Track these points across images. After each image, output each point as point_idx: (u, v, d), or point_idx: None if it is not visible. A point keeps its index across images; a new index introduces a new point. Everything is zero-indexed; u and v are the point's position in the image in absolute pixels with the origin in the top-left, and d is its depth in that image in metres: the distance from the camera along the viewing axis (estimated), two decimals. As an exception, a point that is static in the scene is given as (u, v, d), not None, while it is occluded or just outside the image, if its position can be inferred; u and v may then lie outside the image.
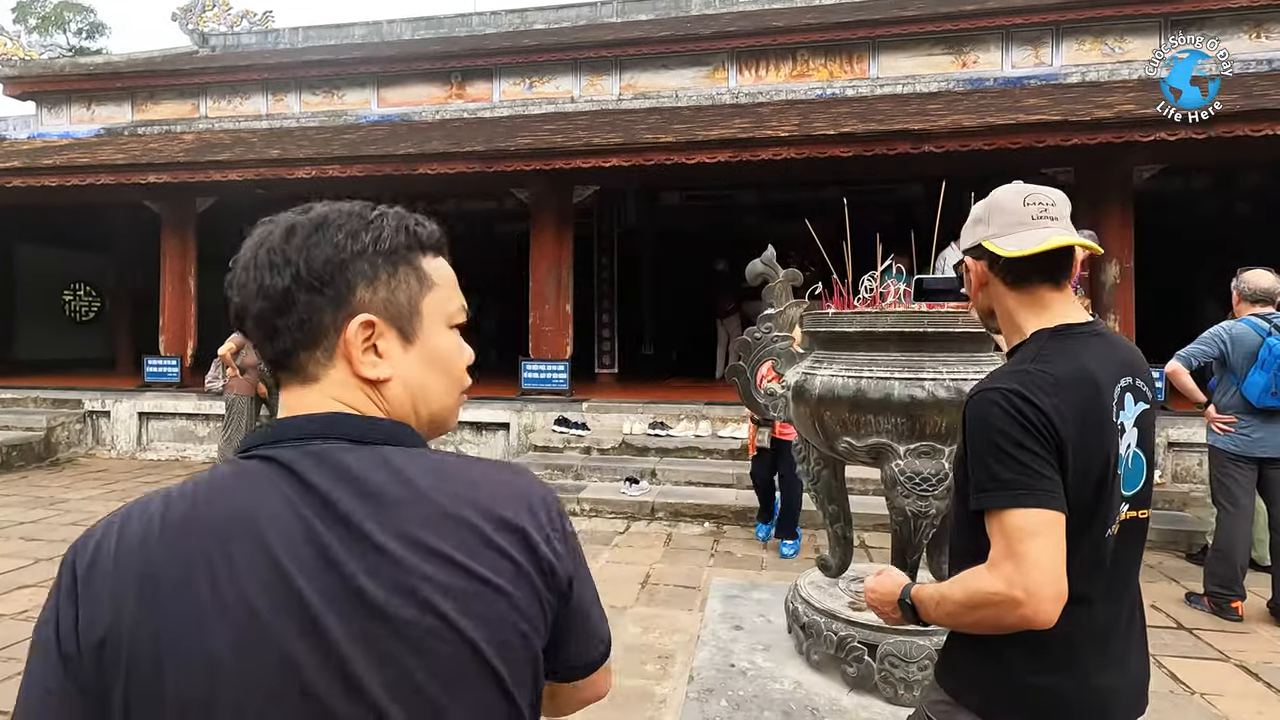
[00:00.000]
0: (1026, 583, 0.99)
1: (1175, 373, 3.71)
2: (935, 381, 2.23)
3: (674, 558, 4.70)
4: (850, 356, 2.41)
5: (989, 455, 1.05)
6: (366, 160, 7.03)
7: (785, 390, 2.61)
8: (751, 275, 2.69)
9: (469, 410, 7.45)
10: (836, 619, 2.43)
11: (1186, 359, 3.69)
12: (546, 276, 7.90)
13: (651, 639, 3.41)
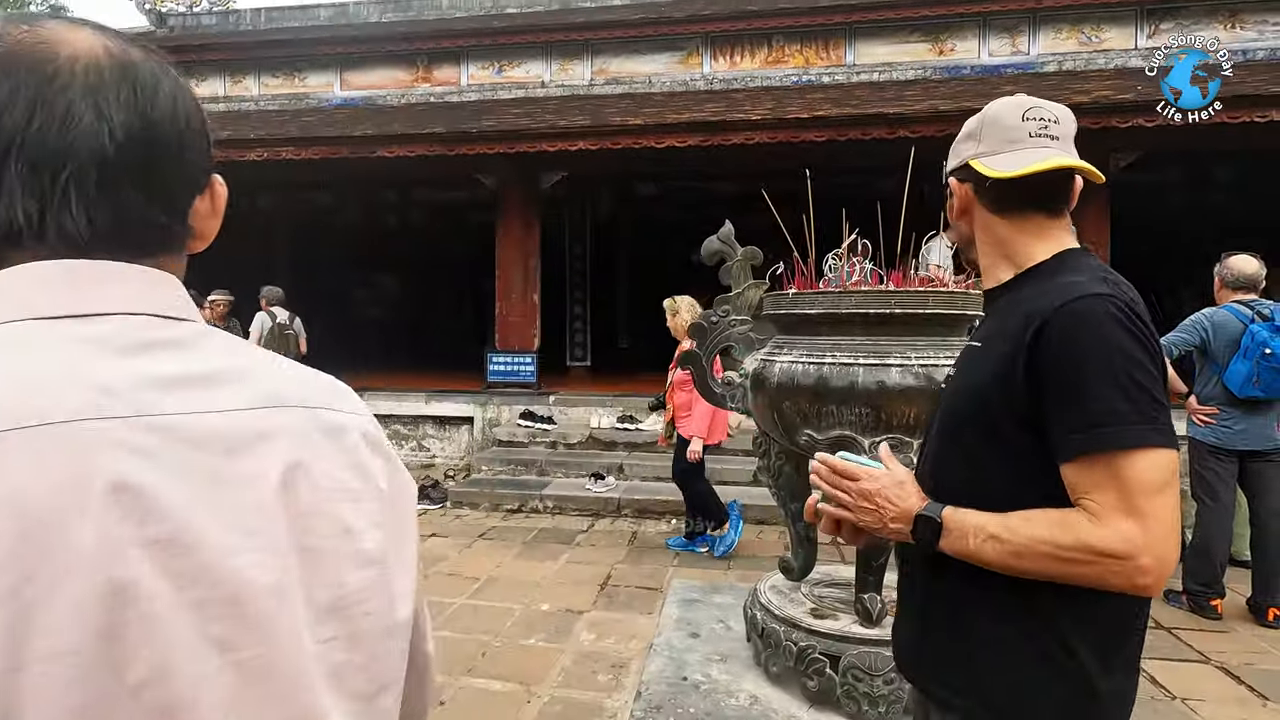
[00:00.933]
0: (1155, 547, 0.85)
1: None
2: (903, 368, 2.03)
3: (637, 557, 4.49)
4: (812, 341, 2.21)
5: (1104, 381, 0.87)
6: (322, 142, 6.71)
7: (744, 379, 2.40)
8: (707, 253, 2.47)
9: (431, 404, 7.18)
10: (797, 628, 2.23)
11: (1166, 347, 3.54)
12: (514, 266, 7.63)
13: (606, 646, 3.19)
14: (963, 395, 1.03)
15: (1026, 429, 0.93)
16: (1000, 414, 0.95)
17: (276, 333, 6.70)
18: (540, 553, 4.55)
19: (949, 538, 0.95)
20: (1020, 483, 0.95)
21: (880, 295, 2.07)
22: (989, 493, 0.97)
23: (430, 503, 5.63)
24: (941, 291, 2.08)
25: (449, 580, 4.00)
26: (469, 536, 4.89)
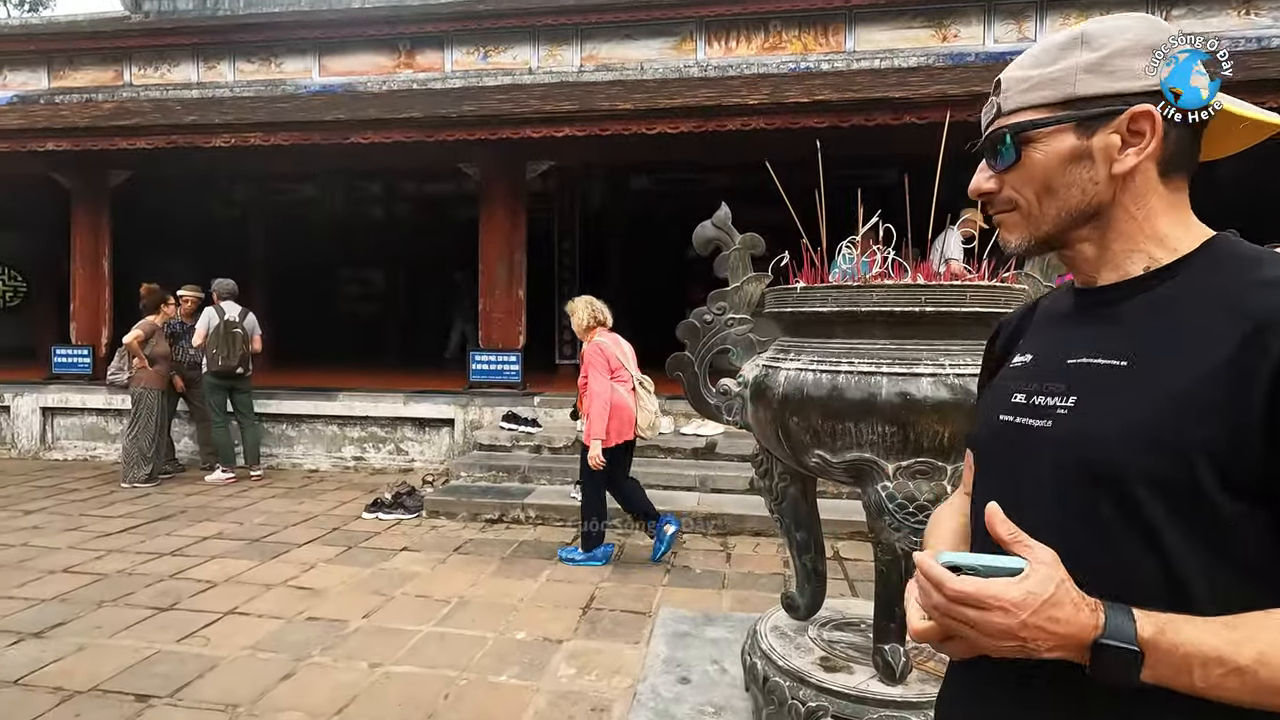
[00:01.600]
0: None
1: None
2: (935, 378, 1.68)
3: (624, 574, 4.14)
4: (824, 345, 1.86)
5: None
6: (292, 128, 6.31)
7: (742, 388, 2.05)
8: (700, 241, 2.12)
9: (410, 405, 6.82)
10: (805, 683, 1.89)
11: None
12: (498, 260, 7.26)
13: (586, 684, 2.85)
14: (1122, 442, 0.67)
15: (1252, 493, 0.61)
16: (1213, 472, 0.61)
17: (223, 330, 6.30)
18: (519, 569, 4.20)
19: (1157, 669, 0.61)
20: (1237, 573, 0.62)
21: (908, 290, 1.73)
22: (1177, 593, 0.64)
23: (405, 512, 5.27)
24: (981, 286, 1.74)
25: (417, 604, 3.64)
26: (444, 550, 4.53)
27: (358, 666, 2.96)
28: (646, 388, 4.21)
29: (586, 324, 4.31)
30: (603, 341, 4.22)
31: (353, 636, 3.25)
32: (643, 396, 4.18)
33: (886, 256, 1.86)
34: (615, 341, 4.31)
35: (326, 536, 4.78)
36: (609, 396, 4.06)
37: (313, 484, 6.40)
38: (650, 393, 4.21)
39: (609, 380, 4.10)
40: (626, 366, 4.21)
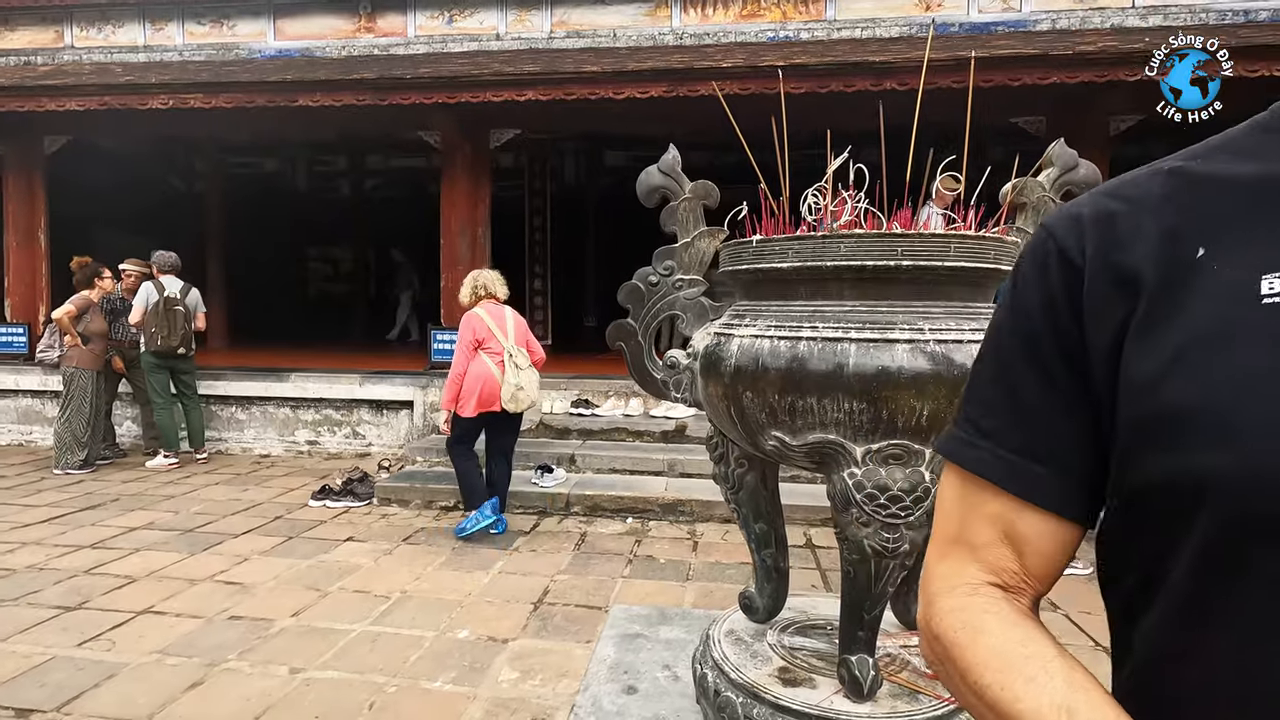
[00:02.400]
0: None
1: None
2: (913, 346, 1.41)
3: (583, 565, 3.88)
4: (784, 308, 1.58)
5: None
6: (234, 89, 5.88)
7: (692, 360, 1.77)
8: (644, 190, 1.83)
9: (366, 387, 6.48)
10: (760, 699, 1.63)
11: None
12: (460, 234, 6.90)
13: (530, 690, 2.58)
14: None
15: None
16: None
17: (162, 308, 5.89)
18: (471, 560, 3.92)
19: None
20: None
21: (881, 242, 1.45)
22: None
23: (355, 500, 4.96)
24: (968, 236, 1.46)
25: (354, 600, 3.35)
26: (391, 541, 4.23)
27: (276, 672, 2.67)
28: (517, 362, 4.15)
29: (469, 299, 4.33)
30: (476, 313, 4.23)
31: (277, 638, 2.95)
32: (508, 370, 4.13)
33: (858, 203, 1.58)
34: (494, 313, 4.25)
35: (266, 526, 4.46)
36: (463, 369, 4.15)
37: (262, 469, 6.05)
38: (521, 366, 4.15)
39: (470, 353, 4.16)
40: (498, 338, 4.16)
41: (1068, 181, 1.72)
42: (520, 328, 4.31)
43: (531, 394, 4.19)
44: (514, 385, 4.11)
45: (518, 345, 4.20)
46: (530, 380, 4.18)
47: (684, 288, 1.83)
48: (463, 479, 4.32)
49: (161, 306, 5.91)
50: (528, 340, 4.34)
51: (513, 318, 4.31)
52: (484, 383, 4.12)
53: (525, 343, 4.30)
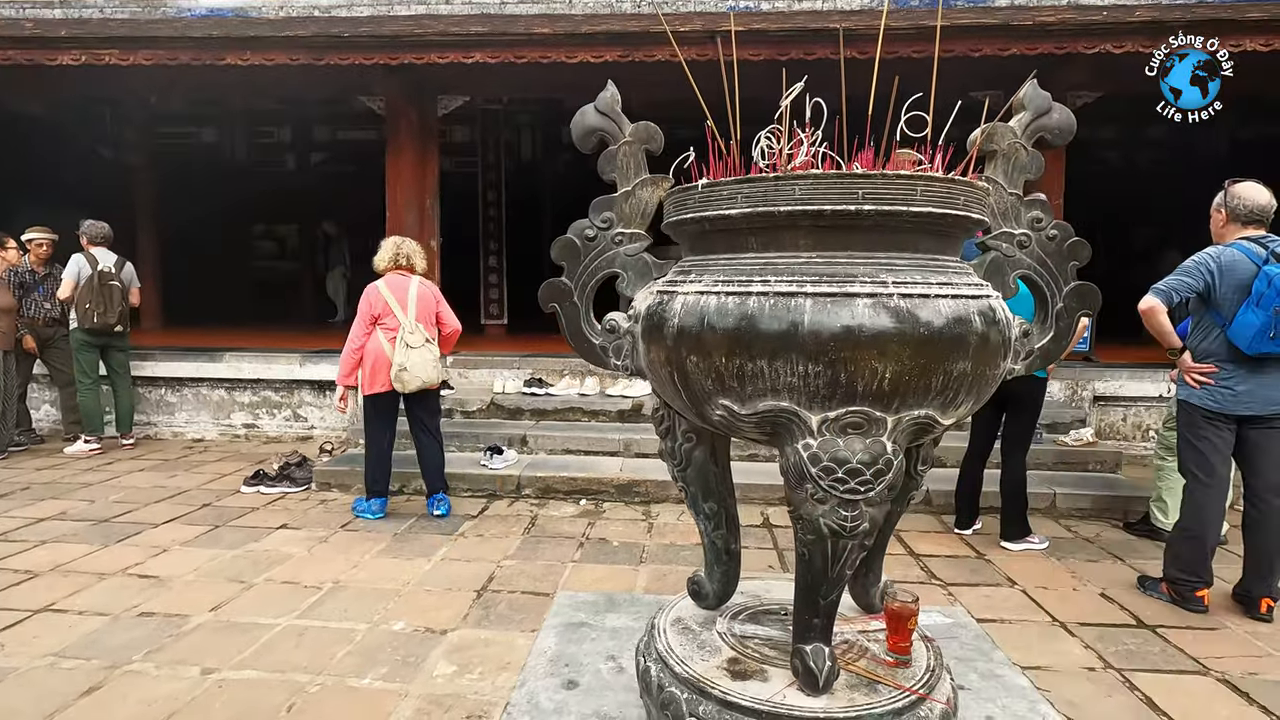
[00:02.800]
0: None
1: (1149, 311, 2.95)
2: (875, 301, 1.25)
3: (532, 550, 3.70)
4: (733, 261, 1.41)
5: None
6: (154, 44, 5.43)
7: (633, 322, 1.59)
8: (580, 132, 1.62)
9: (307, 367, 6.14)
10: (706, 695, 1.48)
11: (1165, 294, 2.93)
12: (407, 206, 6.57)
13: (467, 684, 2.40)
14: None
15: None
16: None
17: (96, 283, 5.49)
18: (413, 547, 3.70)
19: None
20: None
21: (840, 183, 1.28)
22: None
23: (292, 485, 4.68)
24: (936, 178, 1.30)
25: (281, 592, 3.11)
26: (328, 528, 3.98)
27: (186, 673, 2.43)
28: (407, 340, 3.96)
29: (385, 265, 4.11)
30: (375, 286, 4.05)
31: (190, 635, 2.71)
32: (398, 348, 3.97)
33: (815, 142, 1.41)
34: (396, 286, 4.04)
35: (191, 515, 4.16)
36: (359, 344, 4.02)
37: (193, 455, 5.70)
38: (411, 345, 3.96)
39: (367, 327, 4.01)
40: (395, 313, 3.97)
41: (1041, 127, 1.58)
42: (424, 302, 4.08)
43: (421, 374, 3.96)
44: (399, 365, 3.92)
45: (419, 321, 4.00)
46: (420, 360, 3.95)
47: (624, 242, 1.64)
48: (365, 461, 4.18)
49: (95, 281, 5.50)
50: (437, 315, 4.14)
51: (417, 290, 4.07)
52: (375, 359, 3.98)
53: (430, 318, 4.10)
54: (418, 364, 3.94)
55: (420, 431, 4.20)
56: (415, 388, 3.97)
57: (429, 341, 4.00)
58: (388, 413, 4.12)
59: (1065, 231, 1.59)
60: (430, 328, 4.08)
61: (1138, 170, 10.33)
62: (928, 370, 1.26)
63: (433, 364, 4.01)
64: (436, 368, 4.03)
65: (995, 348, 1.34)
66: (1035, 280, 1.60)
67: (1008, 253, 1.58)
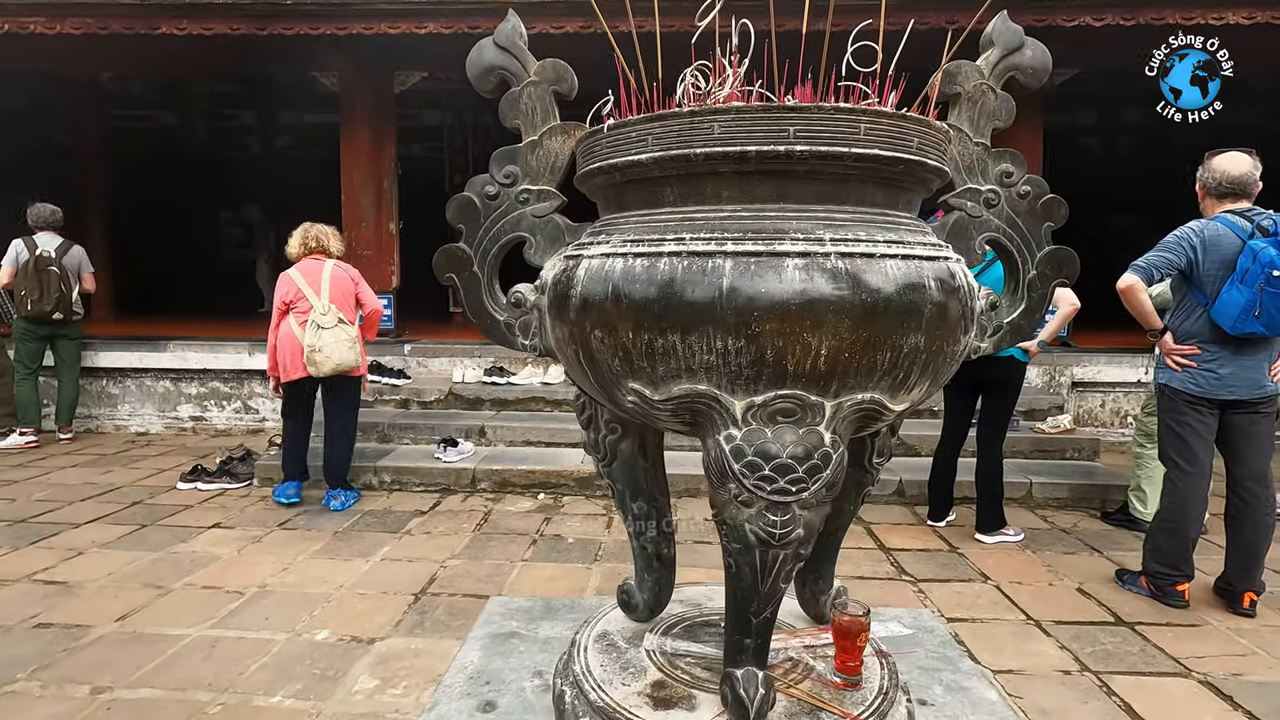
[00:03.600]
0: None
1: (1129, 290, 2.77)
2: (808, 261, 1.03)
3: (481, 547, 3.47)
4: (647, 218, 1.18)
5: None
6: (81, 10, 5.07)
7: (540, 293, 1.36)
8: (477, 71, 1.39)
9: (256, 356, 5.85)
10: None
11: (1146, 271, 2.75)
12: (363, 187, 6.28)
13: (386, 702, 2.18)
14: None
15: None
16: None
17: (32, 268, 5.16)
18: (353, 546, 3.46)
19: None
20: None
21: (769, 117, 1.06)
22: None
23: (232, 481, 4.41)
24: (884, 114, 1.08)
25: (200, 598, 2.87)
26: (265, 526, 3.73)
27: (74, 693, 2.19)
28: (319, 322, 3.84)
29: (296, 253, 4.01)
30: (287, 274, 3.96)
31: (88, 649, 2.45)
32: (309, 330, 3.85)
33: (745, 82, 1.18)
34: (309, 271, 3.92)
35: (119, 514, 3.89)
36: (273, 331, 3.94)
37: (134, 449, 5.40)
38: (324, 326, 3.84)
39: (279, 316, 3.94)
40: (308, 296, 3.87)
41: (1012, 66, 1.37)
42: (339, 284, 3.94)
43: (334, 356, 3.81)
44: (310, 346, 3.79)
45: (333, 303, 3.87)
46: (333, 341, 3.81)
47: (531, 201, 1.40)
48: (285, 445, 4.11)
49: (32, 266, 5.18)
50: (356, 296, 4.00)
51: (331, 273, 3.94)
52: (286, 345, 3.87)
53: (349, 300, 3.96)
54: (330, 344, 3.81)
55: (331, 421, 4.06)
56: (329, 369, 3.82)
57: (343, 323, 3.87)
58: (303, 400, 4.03)
59: (1039, 187, 1.38)
60: (350, 310, 3.95)
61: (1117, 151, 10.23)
62: (873, 345, 1.05)
63: (347, 345, 3.86)
64: (353, 350, 3.88)
65: (955, 320, 1.13)
66: (1004, 244, 1.39)
67: (973, 212, 1.37)
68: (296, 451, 4.07)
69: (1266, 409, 2.75)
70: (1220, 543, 2.95)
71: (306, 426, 4.09)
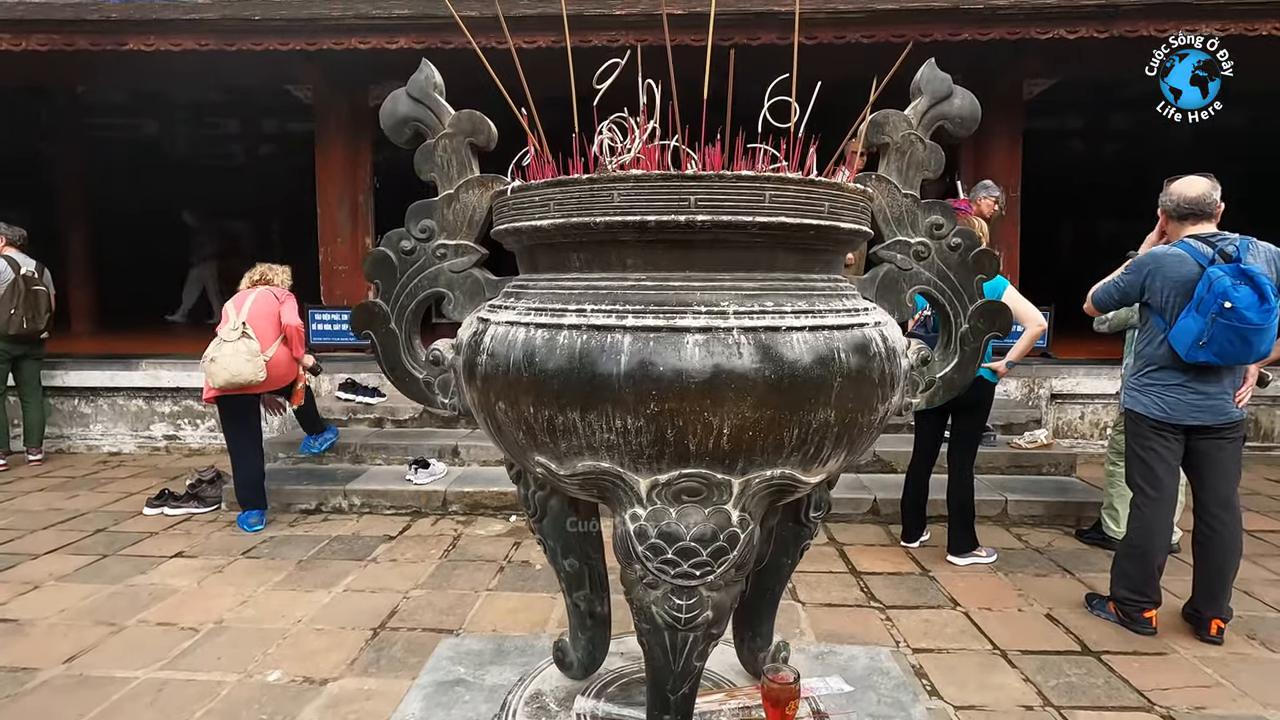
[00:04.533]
0: None
1: (1089, 312, 2.74)
2: (709, 336, 0.99)
3: (448, 575, 3.42)
4: (553, 284, 1.14)
5: None
6: (47, 26, 5.01)
7: (456, 352, 1.31)
8: (391, 123, 1.34)
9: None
10: (540, 807, 1.22)
11: (1104, 294, 2.72)
12: (338, 202, 6.22)
13: (333, 750, 2.13)
14: None
15: None
16: None
17: (22, 288, 5.11)
18: (316, 576, 3.40)
19: None
20: None
21: (668, 185, 1.01)
22: None
23: (200, 505, 4.35)
24: (789, 180, 1.04)
25: (153, 635, 2.81)
26: (228, 555, 3.67)
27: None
28: (223, 335, 3.90)
29: (243, 285, 4.19)
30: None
31: (30, 695, 2.39)
32: (213, 343, 3.91)
33: (653, 133, 1.14)
34: (241, 297, 4.10)
35: (81, 543, 3.82)
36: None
37: (105, 470, 5.33)
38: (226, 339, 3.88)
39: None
40: (230, 316, 4.00)
41: (940, 115, 1.33)
42: (261, 303, 4.02)
43: (230, 367, 3.83)
44: (207, 357, 3.88)
45: (252, 321, 3.95)
46: (230, 352, 3.85)
47: (449, 256, 1.36)
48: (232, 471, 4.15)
49: (21, 285, 5.14)
50: (276, 316, 4.04)
51: (257, 295, 4.05)
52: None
53: (270, 318, 4.00)
54: (228, 355, 3.85)
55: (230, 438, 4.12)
56: (223, 380, 3.84)
57: (248, 337, 3.91)
58: (233, 415, 4.02)
59: (969, 240, 1.34)
60: (269, 329, 3.99)
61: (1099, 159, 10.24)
62: (778, 423, 1.01)
63: (246, 357, 3.86)
64: (252, 363, 3.88)
65: (870, 390, 1.09)
66: (935, 297, 1.35)
67: (903, 265, 1.34)
68: (248, 473, 4.04)
69: (1232, 434, 2.73)
70: (1190, 560, 2.92)
71: (247, 442, 4.06)
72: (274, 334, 4.02)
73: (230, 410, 4.03)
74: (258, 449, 4.11)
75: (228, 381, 3.84)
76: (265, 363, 3.92)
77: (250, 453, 4.07)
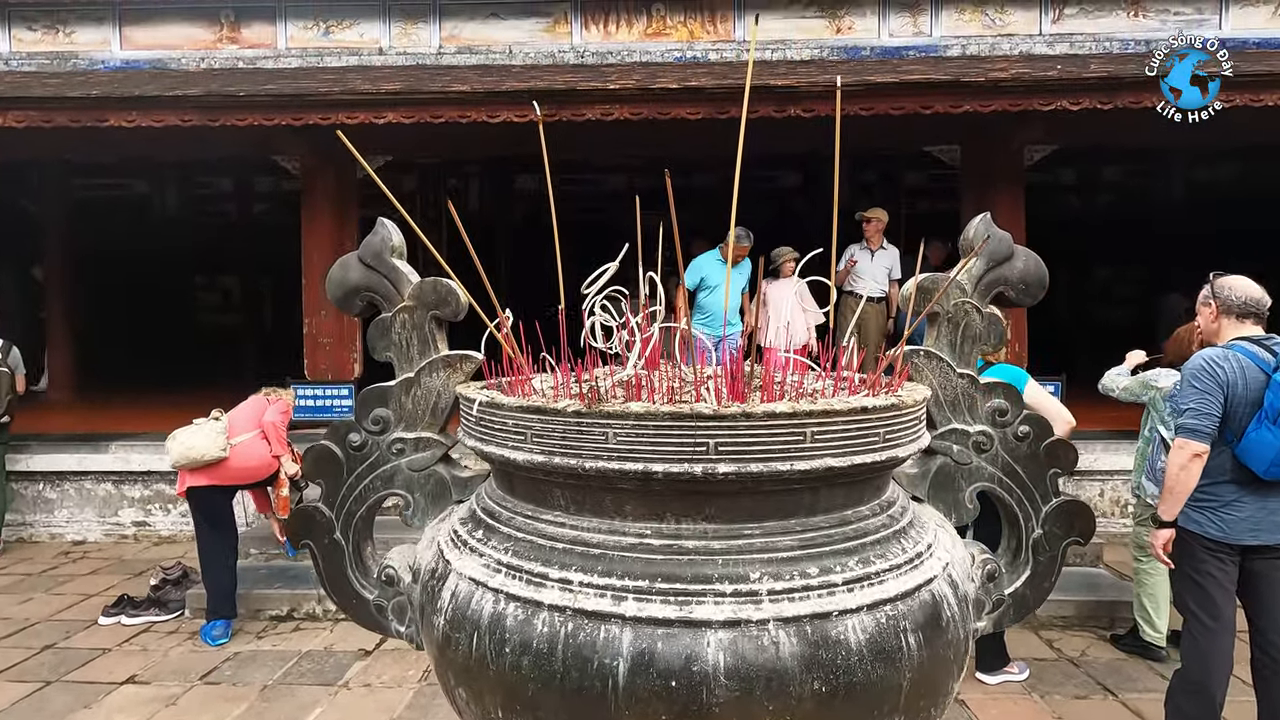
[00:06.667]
0: None
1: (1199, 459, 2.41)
2: (737, 634, 0.74)
3: (427, 705, 3.08)
4: (532, 521, 0.90)
5: None
6: (26, 104, 4.87)
7: (414, 578, 1.05)
8: (340, 293, 1.13)
9: (205, 456, 5.46)
10: None
11: (1205, 433, 2.39)
12: (324, 273, 6.01)
13: None
14: None
15: None
16: None
17: None
18: (279, 708, 3.06)
19: None
20: None
21: (681, 425, 0.77)
22: None
23: (162, 612, 4.00)
24: (835, 413, 0.80)
25: (85, 800, 2.46)
26: (185, 680, 3.32)
27: None
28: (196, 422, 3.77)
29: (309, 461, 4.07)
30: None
31: None
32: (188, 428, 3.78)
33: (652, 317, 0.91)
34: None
35: (23, 665, 3.47)
36: None
37: (66, 565, 4.98)
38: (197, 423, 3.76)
39: None
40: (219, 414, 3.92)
41: (1000, 280, 1.11)
42: (249, 405, 3.93)
43: (188, 441, 3.66)
44: (170, 437, 3.71)
45: (233, 418, 3.83)
46: (193, 430, 3.70)
47: (407, 451, 1.11)
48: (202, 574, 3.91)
49: None
50: (258, 420, 3.87)
51: (251, 399, 3.98)
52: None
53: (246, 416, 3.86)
54: (190, 432, 3.68)
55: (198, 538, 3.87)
56: (178, 455, 3.65)
57: (217, 421, 3.77)
58: (206, 514, 3.77)
59: (1040, 428, 1.10)
60: (251, 424, 3.84)
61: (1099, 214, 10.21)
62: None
63: (207, 435, 3.67)
64: (212, 441, 3.67)
65: (947, 668, 0.84)
66: (1002, 496, 1.11)
67: (960, 458, 1.10)
68: (217, 583, 3.73)
69: (1292, 555, 2.46)
70: (1247, 678, 2.62)
71: (218, 542, 3.78)
72: (250, 428, 3.83)
73: (204, 507, 3.74)
74: (231, 553, 3.81)
75: (182, 455, 3.63)
76: (231, 446, 3.71)
77: (222, 557, 3.76)
